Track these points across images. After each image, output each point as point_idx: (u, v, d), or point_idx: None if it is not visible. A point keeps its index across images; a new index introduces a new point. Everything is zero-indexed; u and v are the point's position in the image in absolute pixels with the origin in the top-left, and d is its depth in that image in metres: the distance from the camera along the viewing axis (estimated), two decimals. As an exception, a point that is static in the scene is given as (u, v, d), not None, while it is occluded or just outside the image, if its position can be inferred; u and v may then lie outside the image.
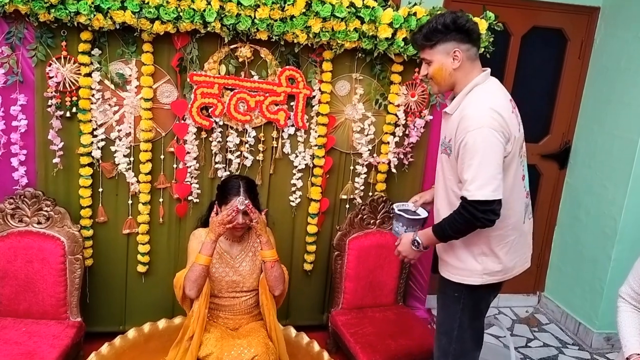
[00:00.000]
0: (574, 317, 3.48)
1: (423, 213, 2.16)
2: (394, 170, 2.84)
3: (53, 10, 2.22)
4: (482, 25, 2.61)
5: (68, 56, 2.38)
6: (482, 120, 1.80)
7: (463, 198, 1.83)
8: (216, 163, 2.65)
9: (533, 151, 3.57)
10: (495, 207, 1.80)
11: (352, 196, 2.87)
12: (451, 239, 1.93)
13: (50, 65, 2.37)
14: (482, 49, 2.69)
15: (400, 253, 2.08)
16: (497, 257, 1.97)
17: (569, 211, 3.60)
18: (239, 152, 2.66)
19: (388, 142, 2.80)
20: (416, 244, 2.00)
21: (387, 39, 2.54)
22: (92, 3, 2.24)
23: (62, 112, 2.43)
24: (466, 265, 1.99)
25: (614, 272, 3.18)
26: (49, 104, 2.40)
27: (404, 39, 2.56)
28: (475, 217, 1.80)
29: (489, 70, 1.97)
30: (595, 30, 3.38)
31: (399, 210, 2.13)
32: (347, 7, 2.46)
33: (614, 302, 2.07)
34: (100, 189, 2.56)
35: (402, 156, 2.83)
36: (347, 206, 2.88)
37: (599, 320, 3.28)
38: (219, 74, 2.53)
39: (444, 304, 2.11)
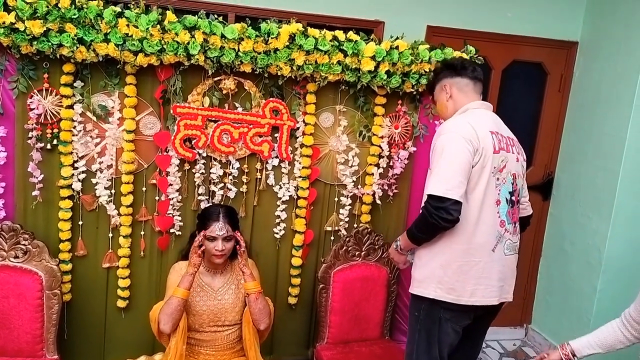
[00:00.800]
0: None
1: None
2: (378, 201, 2.83)
3: (35, 43, 2.21)
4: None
5: (50, 88, 2.37)
6: (451, 128, 2.01)
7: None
8: (199, 195, 2.62)
9: (517, 182, 3.60)
10: (448, 206, 1.89)
11: (336, 228, 2.85)
12: (418, 238, 2.06)
13: (31, 97, 2.35)
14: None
15: (389, 255, 2.33)
16: (456, 273, 2.01)
17: (553, 242, 3.61)
18: (222, 184, 2.64)
19: (372, 174, 2.80)
20: (395, 245, 2.22)
21: (370, 71, 2.56)
22: (75, 36, 2.23)
23: (42, 144, 2.40)
24: (424, 275, 2.07)
25: (600, 303, 3.17)
26: (30, 135, 2.37)
27: (387, 72, 2.58)
28: (429, 212, 1.92)
29: (489, 104, 2.20)
30: (574, 63, 3.45)
31: None
32: (330, 41, 2.49)
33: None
34: (80, 222, 2.52)
35: (386, 187, 2.83)
36: (332, 238, 2.86)
37: (587, 353, 3.25)
38: (203, 105, 2.53)
39: (408, 327, 2.20)
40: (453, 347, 2.12)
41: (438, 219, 1.90)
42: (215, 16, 2.39)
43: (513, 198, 2.08)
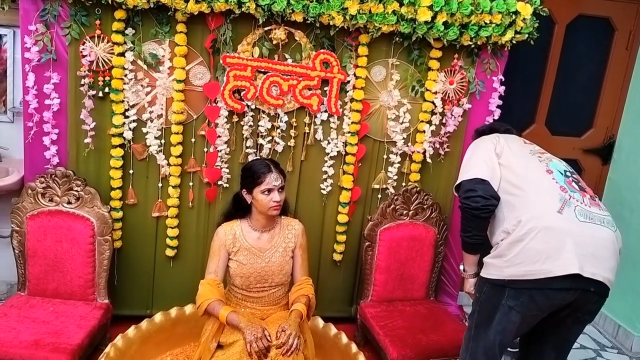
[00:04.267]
0: (613, 319, 3.33)
1: None
2: (429, 160, 2.75)
3: (88, -13, 2.20)
4: (527, 10, 2.50)
5: (102, 35, 2.36)
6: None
7: None
8: (247, 148, 2.60)
9: (575, 145, 3.44)
10: (474, 186, 1.87)
11: (384, 186, 2.79)
12: (466, 243, 2.00)
13: (84, 43, 2.35)
14: (526, 35, 2.58)
15: (465, 291, 2.15)
16: (520, 249, 1.78)
17: (611, 208, 3.38)
18: (270, 137, 2.61)
19: (424, 131, 2.71)
20: (462, 269, 2.13)
21: (426, 22, 2.44)
22: (127, -20, 2.21)
23: (94, 92, 2.41)
24: (489, 258, 1.92)
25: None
26: (82, 83, 2.38)
27: (444, 23, 2.46)
28: (460, 200, 1.92)
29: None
30: (645, 19, 3.21)
31: None
32: (386, -11, 2.38)
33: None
34: (131, 171, 2.54)
35: (437, 146, 2.74)
36: (379, 196, 2.80)
37: (640, 323, 3.13)
38: (253, 56, 2.48)
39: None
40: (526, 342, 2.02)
41: (468, 201, 1.88)
42: (268, -38, 2.32)
43: (568, 174, 1.92)
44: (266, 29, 2.46)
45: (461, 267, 2.13)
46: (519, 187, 1.87)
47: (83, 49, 2.35)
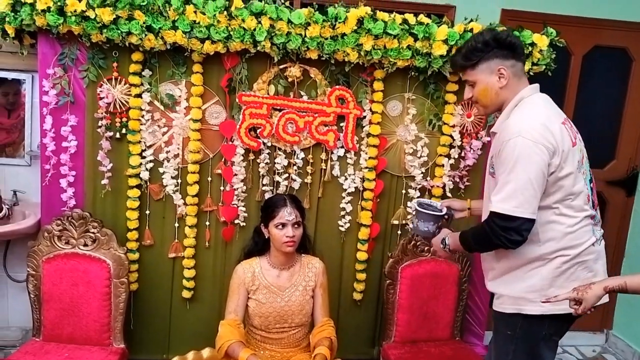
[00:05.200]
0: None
1: (443, 210, 2.09)
2: (449, 194, 2.69)
3: (105, 31, 2.23)
4: (543, 42, 2.49)
5: (119, 77, 2.38)
6: (520, 129, 1.67)
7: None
8: (263, 185, 2.57)
9: (598, 177, 3.32)
10: (519, 226, 1.64)
11: (404, 221, 2.73)
12: (474, 250, 1.86)
13: (101, 86, 2.37)
14: (544, 67, 2.56)
15: (432, 247, 2.04)
16: (565, 280, 1.75)
17: (638, 241, 3.34)
18: (286, 175, 2.58)
19: (442, 165, 2.66)
20: (444, 243, 1.95)
21: (441, 56, 2.44)
22: (144, 23, 2.23)
23: (111, 133, 2.42)
24: (521, 290, 1.79)
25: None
26: (99, 124, 2.40)
27: (460, 57, 2.44)
28: (494, 232, 1.67)
29: (537, 85, 1.84)
30: (663, 48, 3.19)
31: (420, 205, 2.06)
32: (400, 24, 2.38)
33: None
34: (147, 211, 2.52)
35: (457, 179, 2.69)
36: (399, 232, 2.74)
37: (678, 362, 2.98)
38: (268, 94, 2.48)
39: (495, 346, 1.90)
40: None
41: (505, 240, 1.67)
42: (282, 1, 2.34)
43: (591, 185, 1.86)
44: (281, 67, 2.47)
45: (444, 243, 1.94)
46: (566, 215, 1.75)
47: (100, 91, 2.37)
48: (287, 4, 2.35)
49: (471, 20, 2.48)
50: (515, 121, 1.72)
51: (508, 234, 1.66)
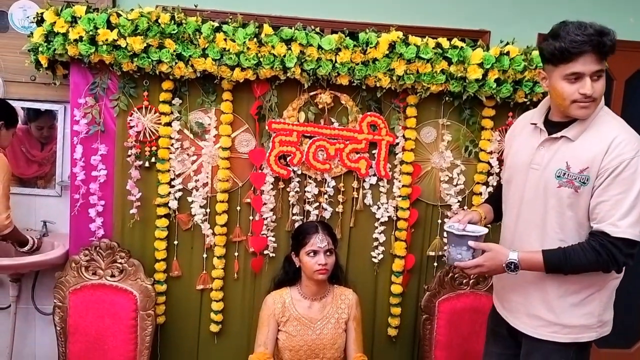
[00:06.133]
0: None
1: (481, 229, 1.78)
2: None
3: (136, 59, 2.23)
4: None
5: (149, 106, 2.37)
6: (638, 147, 1.56)
7: (602, 233, 1.55)
8: (293, 215, 2.49)
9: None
10: (636, 252, 1.54)
11: (440, 252, 2.60)
12: (566, 273, 1.64)
13: (131, 115, 2.36)
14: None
15: (481, 269, 1.69)
16: (610, 303, 1.73)
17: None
18: (317, 203, 2.51)
19: (480, 193, 2.54)
20: (512, 266, 1.64)
21: (477, 80, 2.36)
22: (174, 51, 2.23)
23: (141, 162, 2.40)
24: (579, 317, 1.68)
25: None
26: (129, 153, 2.38)
27: (496, 80, 2.36)
28: (615, 258, 1.53)
29: None
30: None
31: (457, 230, 1.73)
32: (434, 48, 2.32)
33: None
34: (176, 242, 2.47)
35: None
36: (435, 264, 2.61)
37: None
38: (298, 121, 2.44)
39: None
40: None
41: (623, 265, 1.57)
42: (312, 27, 2.32)
43: None
44: (311, 93, 2.43)
45: (515, 264, 1.64)
46: None
47: (130, 120, 2.36)
48: (318, 29, 2.32)
49: (507, 44, 2.40)
50: (624, 136, 1.59)
51: (628, 259, 1.57)
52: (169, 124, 2.40)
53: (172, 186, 2.43)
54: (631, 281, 3.15)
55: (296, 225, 2.47)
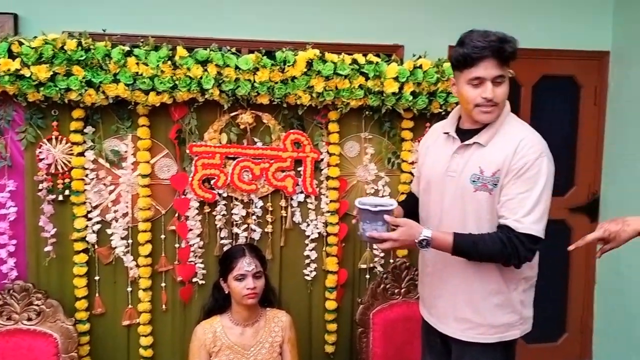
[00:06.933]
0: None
1: (392, 202, 1.76)
2: (415, 232, 2.61)
3: (42, 89, 2.12)
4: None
5: (59, 136, 2.25)
6: (542, 149, 1.67)
7: (508, 228, 1.62)
8: (222, 239, 2.43)
9: (560, 205, 3.36)
10: (539, 248, 1.65)
11: (372, 264, 2.62)
12: (472, 259, 1.69)
13: (40, 147, 2.23)
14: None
15: (393, 243, 1.67)
16: (530, 297, 1.83)
17: (607, 266, 3.32)
18: (245, 225, 2.46)
19: (405, 203, 2.59)
20: (425, 243, 1.66)
21: (394, 93, 2.41)
22: (83, 78, 2.14)
23: (54, 196, 2.26)
24: (505, 315, 1.76)
25: (670, 328, 2.86)
26: (40, 187, 2.24)
27: (412, 93, 2.43)
28: (518, 252, 1.61)
29: None
30: (608, 74, 3.27)
31: (372, 206, 1.69)
32: (350, 64, 2.36)
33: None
34: (97, 277, 2.34)
35: (422, 217, 2.62)
36: (368, 276, 2.62)
37: (662, 388, 2.91)
38: (220, 143, 2.39)
39: None
40: None
41: (524, 260, 1.64)
42: (228, 48, 2.29)
43: None
44: (232, 114, 2.39)
45: (428, 241, 1.65)
46: None
47: (40, 152, 2.23)
48: (234, 50, 2.29)
49: (419, 57, 2.47)
50: (531, 139, 1.69)
51: (530, 255, 1.65)
52: (82, 154, 2.28)
53: (89, 219, 2.31)
54: (553, 278, 3.34)
55: (225, 249, 2.41)
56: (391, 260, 2.61)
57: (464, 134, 1.79)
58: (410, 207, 2.02)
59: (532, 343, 3.40)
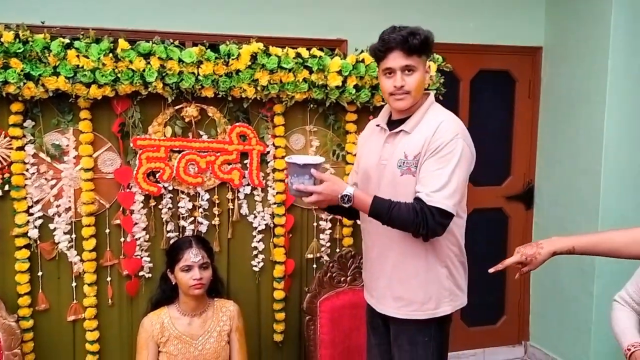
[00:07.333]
0: (565, 363, 3.30)
1: (319, 158, 1.84)
2: (359, 222, 2.68)
3: (-22, 82, 2.06)
4: (432, 67, 2.57)
5: (-2, 130, 2.20)
6: (457, 131, 1.77)
7: (421, 200, 1.71)
8: (168, 232, 2.44)
9: (497, 193, 3.52)
10: (449, 222, 1.74)
11: (318, 254, 2.68)
12: (384, 223, 1.78)
13: (-23, 141, 2.18)
14: (434, 92, 2.65)
15: (318, 196, 1.75)
16: (460, 274, 1.94)
17: (542, 252, 3.50)
18: (192, 218, 2.47)
19: (350, 194, 2.66)
20: (346, 199, 1.74)
21: (337, 87, 2.47)
22: (22, 71, 2.10)
23: (-7, 191, 2.22)
24: (430, 292, 1.86)
25: (598, 309, 3.05)
26: (-22, 183, 2.19)
27: (355, 86, 2.50)
28: (427, 223, 1.70)
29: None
30: (540, 68, 3.44)
31: (299, 160, 1.77)
32: (294, 58, 2.40)
33: (605, 340, 1.94)
34: (40, 273, 2.30)
35: (366, 207, 2.69)
36: (315, 266, 2.68)
37: (592, 362, 3.10)
38: (165, 136, 2.39)
39: (412, 358, 1.90)
40: None
41: (432, 233, 1.74)
42: (171, 41, 2.29)
43: None
44: (177, 107, 2.39)
45: (349, 197, 1.74)
46: (461, 216, 1.91)
47: (-23, 146, 2.17)
48: (177, 43, 2.30)
49: (362, 52, 2.54)
50: (449, 122, 1.80)
51: (439, 229, 1.74)
52: (21, 148, 2.23)
53: (31, 214, 2.27)
54: (492, 263, 3.49)
55: (171, 242, 2.42)
56: (337, 250, 2.68)
57: (393, 124, 1.92)
58: None
59: (473, 326, 3.56)
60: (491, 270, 1.74)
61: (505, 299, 3.64)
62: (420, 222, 1.70)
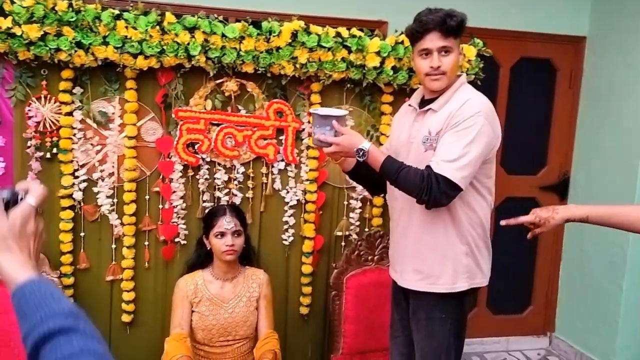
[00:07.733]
0: (590, 356, 3.29)
1: (343, 111, 1.92)
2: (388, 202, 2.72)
3: (33, 48, 2.17)
4: (471, 52, 2.59)
5: (48, 95, 2.31)
6: (480, 109, 1.79)
7: (430, 167, 1.75)
8: (204, 202, 2.53)
9: (531, 184, 3.50)
10: (455, 194, 1.76)
11: (347, 232, 2.74)
12: (391, 182, 1.84)
13: (30, 105, 2.29)
14: (473, 77, 2.65)
15: (336, 147, 1.81)
16: (482, 252, 1.96)
17: (573, 244, 3.48)
18: (227, 190, 2.56)
19: (382, 175, 2.70)
20: (361, 153, 1.80)
21: (375, 68, 2.49)
22: (73, 39, 2.19)
23: (42, 154, 2.33)
24: (449, 266, 1.89)
25: (627, 303, 3.02)
26: (28, 145, 2.31)
27: (393, 68, 2.52)
28: (431, 189, 1.72)
29: None
30: (583, 59, 3.38)
31: (322, 111, 1.89)
32: (334, 37, 2.43)
33: (632, 335, 1.93)
34: (82, 233, 2.43)
35: (397, 188, 2.73)
36: (343, 243, 2.74)
37: (616, 357, 3.08)
38: (205, 109, 2.47)
39: (428, 333, 1.95)
40: None
41: (435, 202, 1.75)
42: (215, 16, 2.35)
43: None
44: (218, 81, 2.46)
45: (364, 151, 1.79)
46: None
47: (29, 110, 2.29)
48: (221, 18, 2.36)
49: (402, 33, 2.55)
50: (474, 100, 1.83)
51: (443, 199, 1.75)
52: (70, 114, 2.34)
53: (76, 177, 2.38)
54: (522, 252, 3.49)
55: (206, 212, 2.51)
56: (366, 229, 2.73)
57: (424, 104, 1.95)
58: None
59: (498, 314, 3.57)
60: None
61: (533, 288, 3.63)
62: (424, 187, 1.72)
